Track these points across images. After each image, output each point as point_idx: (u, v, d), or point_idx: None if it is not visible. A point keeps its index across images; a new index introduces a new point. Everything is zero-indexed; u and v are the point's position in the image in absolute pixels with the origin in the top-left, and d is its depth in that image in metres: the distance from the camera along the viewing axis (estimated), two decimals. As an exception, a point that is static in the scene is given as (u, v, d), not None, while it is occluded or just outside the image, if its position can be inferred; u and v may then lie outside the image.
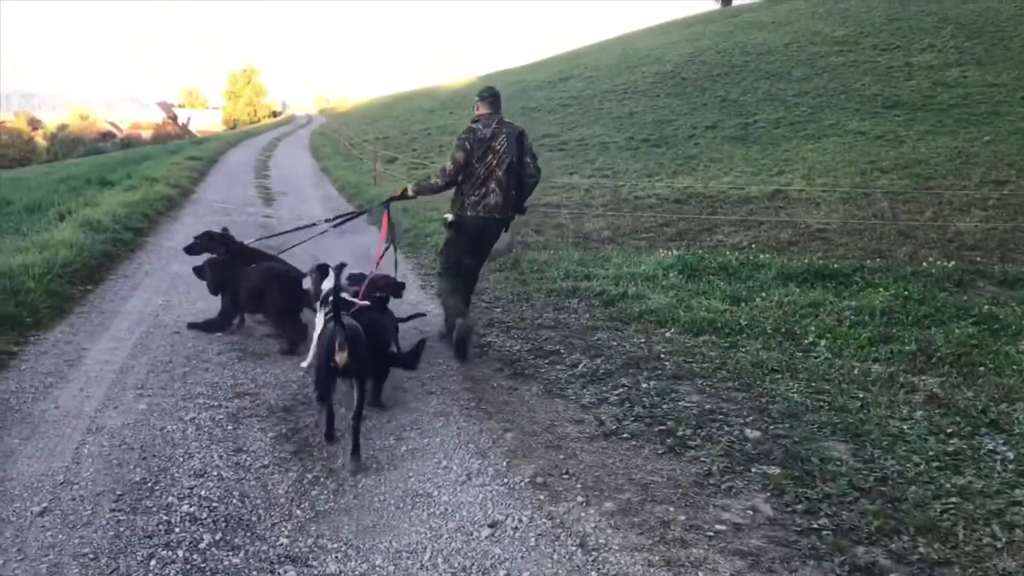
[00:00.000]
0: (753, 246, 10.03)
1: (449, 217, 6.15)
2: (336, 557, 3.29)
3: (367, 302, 5.28)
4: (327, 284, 5.33)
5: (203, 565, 3.20)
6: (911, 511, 3.58)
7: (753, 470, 4.03)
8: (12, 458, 4.08)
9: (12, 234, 10.06)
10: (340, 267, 5.31)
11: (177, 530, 3.43)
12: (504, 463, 4.14)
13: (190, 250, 6.75)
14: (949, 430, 4.49)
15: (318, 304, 5.45)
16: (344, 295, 5.07)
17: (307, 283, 5.95)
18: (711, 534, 3.43)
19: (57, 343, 6.03)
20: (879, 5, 32.93)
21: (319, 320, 5.33)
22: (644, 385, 5.23)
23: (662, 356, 5.85)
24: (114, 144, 77.81)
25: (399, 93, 72.04)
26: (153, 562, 3.21)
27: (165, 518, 3.52)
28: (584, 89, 30.28)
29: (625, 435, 4.48)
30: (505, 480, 3.94)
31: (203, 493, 3.76)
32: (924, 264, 8.25)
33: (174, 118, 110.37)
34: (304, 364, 5.65)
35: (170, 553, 3.27)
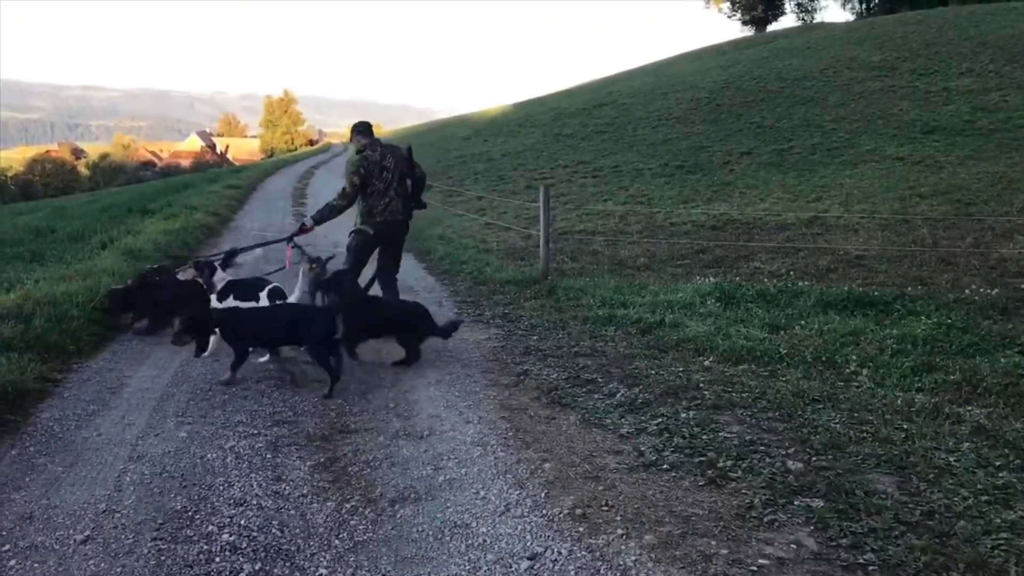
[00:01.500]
0: (791, 273, 9.92)
1: (362, 226, 7.40)
2: (375, 589, 3.28)
3: None
4: (217, 277, 7.17)
5: (243, 595, 3.21)
6: (960, 546, 3.49)
7: (796, 503, 3.95)
8: (56, 485, 4.14)
9: (56, 262, 10.26)
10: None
11: (218, 560, 3.45)
12: (543, 494, 4.11)
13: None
14: (998, 463, 4.38)
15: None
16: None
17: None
18: (754, 568, 3.37)
19: (100, 371, 6.13)
20: (916, 30, 32.69)
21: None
22: (683, 415, 5.18)
23: (701, 385, 5.79)
24: (154, 173, 79.29)
25: (433, 121, 72.65)
26: (194, 592, 3.22)
27: (206, 547, 3.54)
28: (618, 116, 30.29)
29: (665, 466, 4.43)
30: (544, 511, 3.91)
31: (243, 522, 3.78)
32: (967, 291, 8.10)
33: (212, 147, 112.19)
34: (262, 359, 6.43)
35: (211, 583, 3.28)
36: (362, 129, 7.59)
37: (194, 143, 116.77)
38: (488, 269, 10.58)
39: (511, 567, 3.42)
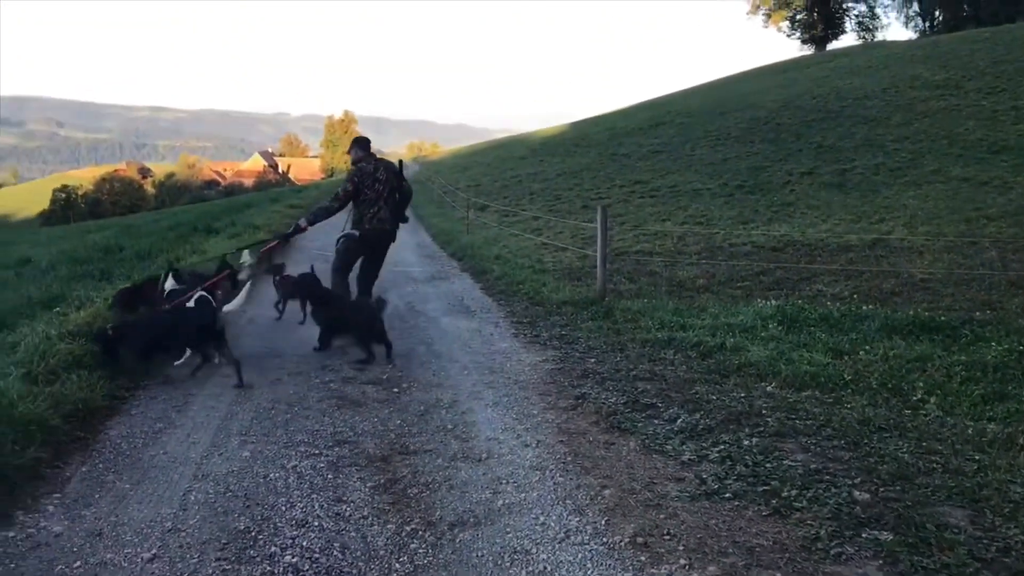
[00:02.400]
0: (855, 296, 9.73)
1: (352, 232, 8.16)
2: (436, 614, 3.27)
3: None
4: (168, 284, 7.65)
5: (305, 618, 3.23)
6: (1038, 585, 3.37)
7: (864, 535, 3.85)
8: (124, 503, 4.21)
9: (123, 280, 10.49)
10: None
11: (280, 581, 3.47)
12: (603, 521, 4.07)
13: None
14: (1076, 498, 4.22)
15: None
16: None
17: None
18: (821, 603, 3.29)
19: (165, 389, 6.24)
20: (982, 48, 32.02)
21: None
22: (746, 442, 5.09)
23: (764, 412, 5.69)
24: (218, 192, 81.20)
25: (490, 141, 73.09)
26: (257, 613, 3.25)
27: (269, 568, 3.56)
28: (675, 136, 30.18)
29: (727, 495, 4.35)
30: (604, 539, 3.87)
31: (305, 544, 3.80)
32: (1039, 317, 7.87)
33: (274, 166, 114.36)
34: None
35: (274, 604, 3.31)
36: (360, 144, 8.40)
37: (257, 163, 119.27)
38: (545, 290, 10.55)
39: (572, 595, 3.39)
